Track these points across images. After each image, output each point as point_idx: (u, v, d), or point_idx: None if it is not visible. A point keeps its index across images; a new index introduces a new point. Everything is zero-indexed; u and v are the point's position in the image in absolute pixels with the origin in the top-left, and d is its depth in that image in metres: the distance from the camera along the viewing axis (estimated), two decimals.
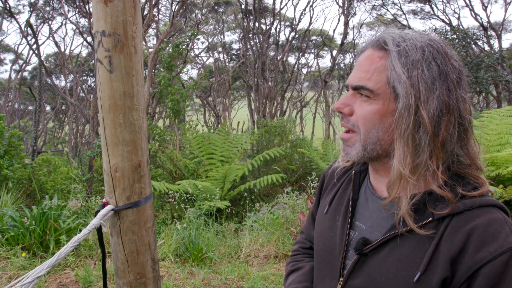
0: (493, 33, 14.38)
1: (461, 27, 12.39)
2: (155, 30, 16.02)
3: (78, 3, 12.90)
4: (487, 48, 11.80)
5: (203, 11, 18.06)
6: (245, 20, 15.80)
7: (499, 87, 12.35)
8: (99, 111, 1.14)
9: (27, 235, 3.44)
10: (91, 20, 5.37)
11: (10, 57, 23.47)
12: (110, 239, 1.25)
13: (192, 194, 5.30)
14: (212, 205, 4.92)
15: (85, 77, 21.38)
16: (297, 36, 18.71)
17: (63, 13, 15.30)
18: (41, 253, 3.42)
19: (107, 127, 1.12)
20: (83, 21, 16.34)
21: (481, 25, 13.92)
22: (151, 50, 9.62)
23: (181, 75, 8.99)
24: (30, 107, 24.86)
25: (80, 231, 3.39)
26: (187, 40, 8.64)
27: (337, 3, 15.67)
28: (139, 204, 1.19)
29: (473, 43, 10.38)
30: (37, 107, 11.54)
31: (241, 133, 11.40)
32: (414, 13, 17.34)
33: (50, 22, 16.93)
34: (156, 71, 9.67)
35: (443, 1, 15.68)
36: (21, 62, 20.43)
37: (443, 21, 15.49)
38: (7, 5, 13.55)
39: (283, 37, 24.49)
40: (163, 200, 5.68)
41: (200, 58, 21.76)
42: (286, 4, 24.89)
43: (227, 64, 20.84)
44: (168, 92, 7.46)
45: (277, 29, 17.37)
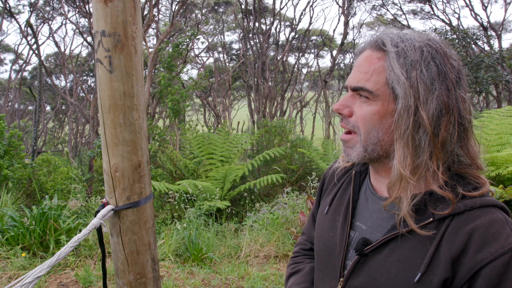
0: (493, 33, 14.38)
1: (461, 27, 12.39)
2: (155, 30, 16.03)
3: (78, 3, 12.90)
4: (487, 48, 11.80)
5: (203, 11, 18.06)
6: (245, 20, 15.80)
7: (499, 87, 12.35)
8: (99, 111, 1.14)
9: (27, 235, 3.44)
10: (91, 20, 5.37)
11: (10, 57, 23.50)
12: (110, 239, 1.25)
13: (192, 194, 5.30)
14: (212, 205, 4.92)
15: (85, 77, 21.38)
16: (297, 36, 18.71)
17: (63, 13, 15.31)
18: (41, 253, 3.42)
19: (107, 127, 1.12)
20: (83, 21, 16.36)
21: (481, 25, 13.92)
22: (151, 50, 9.62)
23: (181, 75, 8.98)
24: (30, 107, 24.86)
25: (80, 231, 3.39)
26: (187, 40, 8.64)
27: (337, 3, 15.69)
28: (139, 204, 1.19)
29: (473, 43, 10.38)
30: (37, 107, 11.54)
31: (241, 133, 11.40)
32: (414, 13, 17.35)
33: (50, 22, 16.94)
34: (156, 71, 9.67)
35: (443, 1, 15.70)
36: (21, 62, 20.44)
37: (443, 21, 15.49)
38: (7, 5, 13.55)
39: (283, 37, 24.53)
40: (163, 200, 5.68)
41: (200, 58, 21.78)
42: (286, 4, 24.89)
43: (227, 64, 20.83)
44: (168, 92, 7.46)
45: (277, 29, 17.39)
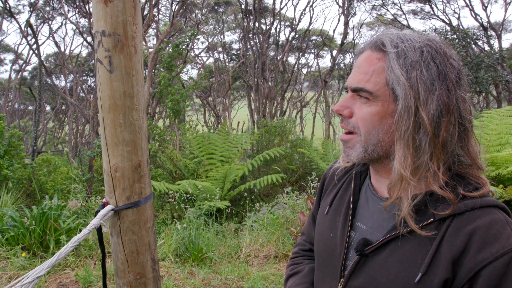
0: (493, 33, 14.38)
1: (461, 27, 12.40)
2: (155, 30, 16.02)
3: (78, 3, 12.90)
4: (487, 48, 11.80)
5: (203, 11, 18.06)
6: (245, 20, 15.80)
7: (499, 87, 12.35)
8: (99, 111, 1.14)
9: (27, 235, 3.43)
10: (91, 20, 5.37)
11: (10, 57, 23.49)
12: (110, 239, 1.25)
13: (192, 194, 5.30)
14: (212, 205, 4.92)
15: (85, 77, 21.38)
16: (297, 36, 18.70)
17: (63, 13, 15.31)
18: (41, 253, 3.42)
19: (107, 127, 1.12)
20: (83, 21, 16.35)
21: (481, 25, 13.92)
22: (151, 50, 9.62)
23: (181, 75, 8.98)
24: (30, 107, 24.85)
25: (80, 231, 3.39)
26: (187, 40, 8.64)
27: (337, 3, 15.68)
28: (139, 204, 1.19)
29: (473, 43, 10.38)
30: (37, 107, 11.53)
31: (241, 133, 11.40)
32: (414, 13, 17.35)
33: (50, 22, 16.93)
34: (156, 71, 9.67)
35: (443, 1, 15.70)
36: (21, 62, 20.43)
37: (443, 21, 15.49)
38: (7, 5, 13.54)
39: (283, 37, 24.54)
40: (163, 200, 5.68)
41: (200, 58, 21.77)
42: (286, 4, 24.89)
43: (227, 64, 20.83)
44: (168, 92, 7.46)
45: (277, 29, 17.40)
